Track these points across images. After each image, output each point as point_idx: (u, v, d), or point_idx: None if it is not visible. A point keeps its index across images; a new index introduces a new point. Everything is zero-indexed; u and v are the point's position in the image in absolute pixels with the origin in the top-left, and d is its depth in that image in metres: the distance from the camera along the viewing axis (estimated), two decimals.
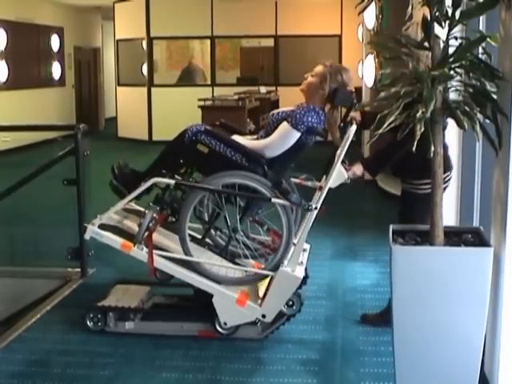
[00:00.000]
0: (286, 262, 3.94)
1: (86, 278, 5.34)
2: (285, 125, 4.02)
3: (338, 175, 3.95)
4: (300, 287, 4.38)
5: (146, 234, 4.08)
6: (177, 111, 13.86)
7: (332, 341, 4.17)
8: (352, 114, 4.20)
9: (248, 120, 10.58)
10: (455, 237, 3.18)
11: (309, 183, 4.38)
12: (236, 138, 4.27)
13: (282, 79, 14.12)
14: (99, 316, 4.30)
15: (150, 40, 14.72)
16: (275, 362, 3.89)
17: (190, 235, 4.19)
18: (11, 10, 13.62)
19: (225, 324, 4.09)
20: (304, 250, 4.41)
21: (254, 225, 4.44)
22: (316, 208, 3.92)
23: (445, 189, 4.01)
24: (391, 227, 3.27)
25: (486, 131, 2.98)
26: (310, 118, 4.00)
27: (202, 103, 11.17)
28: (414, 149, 2.87)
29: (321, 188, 4.11)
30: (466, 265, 2.99)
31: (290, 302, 4.10)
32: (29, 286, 5.35)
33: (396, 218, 4.21)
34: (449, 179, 4.08)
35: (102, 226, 4.25)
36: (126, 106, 15.37)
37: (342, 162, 4.01)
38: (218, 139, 4.12)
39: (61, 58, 15.96)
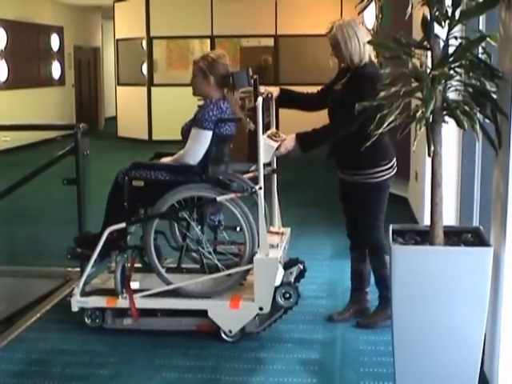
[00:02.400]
0: (258, 250, 4.01)
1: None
2: (193, 130, 4.14)
3: (265, 149, 3.97)
4: (298, 280, 4.43)
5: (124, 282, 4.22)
6: (177, 111, 13.84)
7: (332, 340, 4.17)
8: (269, 88, 4.35)
9: (248, 119, 10.59)
10: (455, 236, 3.18)
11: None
12: (164, 160, 4.37)
13: (281, 78, 14.13)
14: (97, 313, 4.30)
15: (150, 39, 14.73)
16: (275, 361, 3.89)
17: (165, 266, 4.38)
18: (11, 9, 13.63)
19: (230, 332, 4.12)
20: (282, 234, 4.48)
21: (227, 231, 4.50)
22: (261, 188, 3.97)
23: (391, 178, 4.24)
24: (391, 227, 3.27)
25: (485, 131, 2.98)
26: (210, 113, 4.12)
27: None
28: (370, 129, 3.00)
29: (274, 170, 4.38)
30: (465, 264, 2.99)
31: (287, 295, 4.08)
32: (29, 285, 5.35)
33: (344, 214, 4.43)
34: (396, 165, 4.24)
35: (87, 293, 4.37)
36: (126, 106, 15.38)
37: (274, 135, 4.11)
38: (147, 168, 4.27)
39: (61, 58, 15.97)
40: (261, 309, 4.02)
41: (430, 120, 2.96)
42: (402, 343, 3.11)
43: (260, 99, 3.98)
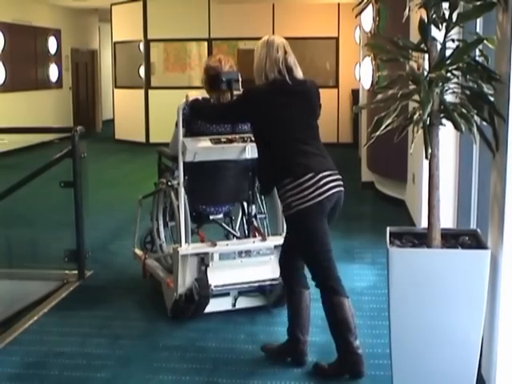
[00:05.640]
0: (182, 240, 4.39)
1: (83, 280, 5.33)
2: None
3: (183, 149, 4.33)
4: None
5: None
6: (174, 113, 13.83)
7: (329, 343, 4.15)
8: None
9: None
10: (452, 239, 3.18)
11: None
12: None
13: None
14: None
15: (148, 42, 14.73)
16: (272, 364, 3.88)
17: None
18: (8, 12, 13.62)
19: (167, 308, 4.56)
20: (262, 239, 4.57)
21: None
22: (179, 184, 4.36)
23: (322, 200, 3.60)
24: (388, 229, 3.27)
25: (483, 133, 2.99)
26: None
27: None
28: None
29: None
30: (463, 267, 2.99)
31: (196, 290, 4.35)
32: (26, 288, 5.35)
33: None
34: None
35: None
36: (123, 108, 15.36)
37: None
38: (164, 154, 4.92)
39: (58, 60, 15.96)
40: (178, 295, 4.39)
41: (428, 122, 2.96)
42: (399, 346, 3.11)
43: (182, 102, 4.30)
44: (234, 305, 4.57)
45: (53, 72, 15.73)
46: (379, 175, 8.61)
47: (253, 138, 4.08)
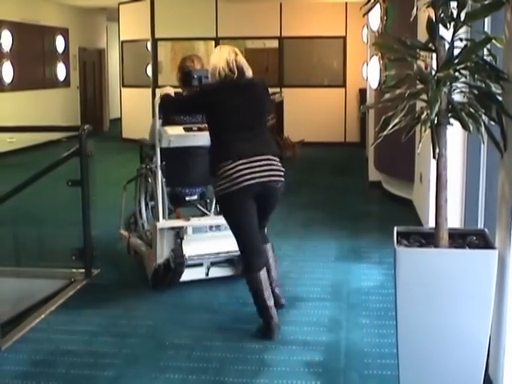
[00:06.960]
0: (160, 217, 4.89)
1: (90, 279, 5.35)
2: None
3: (159, 135, 4.85)
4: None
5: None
6: None
7: (336, 342, 4.16)
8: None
9: None
10: (460, 239, 3.18)
11: None
12: None
13: (286, 80, 14.13)
14: None
15: (155, 41, 14.74)
16: (279, 363, 3.88)
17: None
18: (16, 11, 13.66)
19: (147, 277, 5.06)
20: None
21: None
22: (156, 167, 4.90)
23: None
24: (395, 229, 3.26)
25: (490, 133, 2.98)
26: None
27: None
28: None
29: None
30: (470, 267, 2.98)
31: (172, 259, 4.84)
32: (33, 286, 5.36)
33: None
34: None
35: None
36: (131, 107, 15.38)
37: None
38: (144, 143, 5.51)
39: (66, 59, 15.99)
40: (158, 265, 4.88)
41: (435, 122, 2.95)
42: (406, 345, 3.11)
43: (158, 97, 4.67)
44: (207, 274, 5.11)
45: (60, 71, 15.76)
46: (386, 175, 8.60)
47: None
